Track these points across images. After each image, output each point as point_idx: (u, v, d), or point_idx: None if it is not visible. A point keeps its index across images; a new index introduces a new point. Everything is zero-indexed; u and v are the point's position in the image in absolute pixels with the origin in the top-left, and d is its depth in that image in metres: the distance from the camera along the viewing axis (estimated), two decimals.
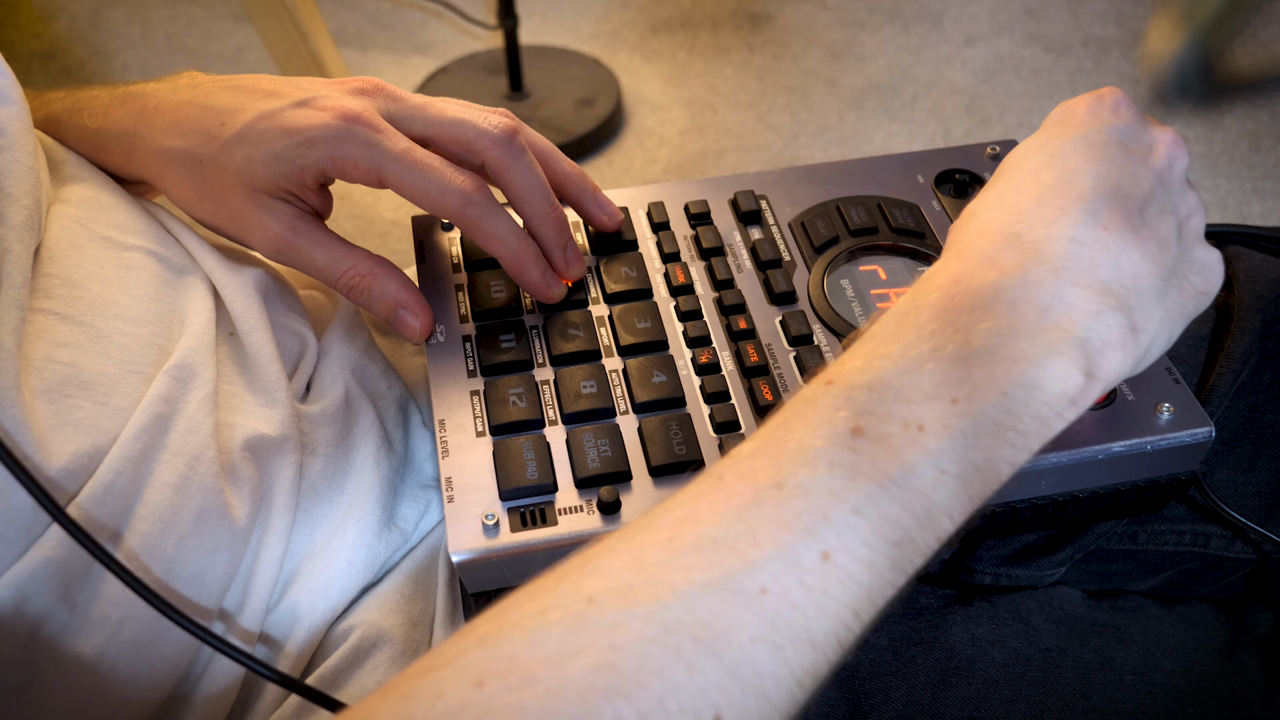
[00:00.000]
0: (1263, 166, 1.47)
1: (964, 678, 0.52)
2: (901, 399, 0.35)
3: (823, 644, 0.32)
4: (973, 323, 0.36)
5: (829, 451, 0.33)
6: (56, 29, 1.83)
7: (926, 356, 0.36)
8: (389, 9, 1.84)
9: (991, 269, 0.38)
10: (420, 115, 0.50)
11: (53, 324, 0.44)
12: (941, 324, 0.37)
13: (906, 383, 0.35)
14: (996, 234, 0.39)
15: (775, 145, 1.56)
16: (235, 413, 0.48)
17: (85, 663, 0.41)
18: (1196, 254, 0.42)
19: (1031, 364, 0.36)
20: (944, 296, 0.37)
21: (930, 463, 0.34)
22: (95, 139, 0.53)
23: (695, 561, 0.31)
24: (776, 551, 0.31)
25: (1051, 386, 0.36)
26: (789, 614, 0.31)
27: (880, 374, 0.36)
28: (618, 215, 0.56)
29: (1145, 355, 0.40)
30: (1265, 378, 0.57)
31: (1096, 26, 1.72)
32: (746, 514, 0.32)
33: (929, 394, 0.35)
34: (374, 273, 0.50)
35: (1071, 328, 0.37)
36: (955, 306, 0.37)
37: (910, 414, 0.35)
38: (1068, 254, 0.38)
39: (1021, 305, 0.37)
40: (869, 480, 0.33)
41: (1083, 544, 0.56)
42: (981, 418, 0.35)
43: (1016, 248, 0.38)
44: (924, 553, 0.34)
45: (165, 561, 0.43)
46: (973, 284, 0.37)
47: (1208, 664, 0.54)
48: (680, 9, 1.81)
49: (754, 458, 0.34)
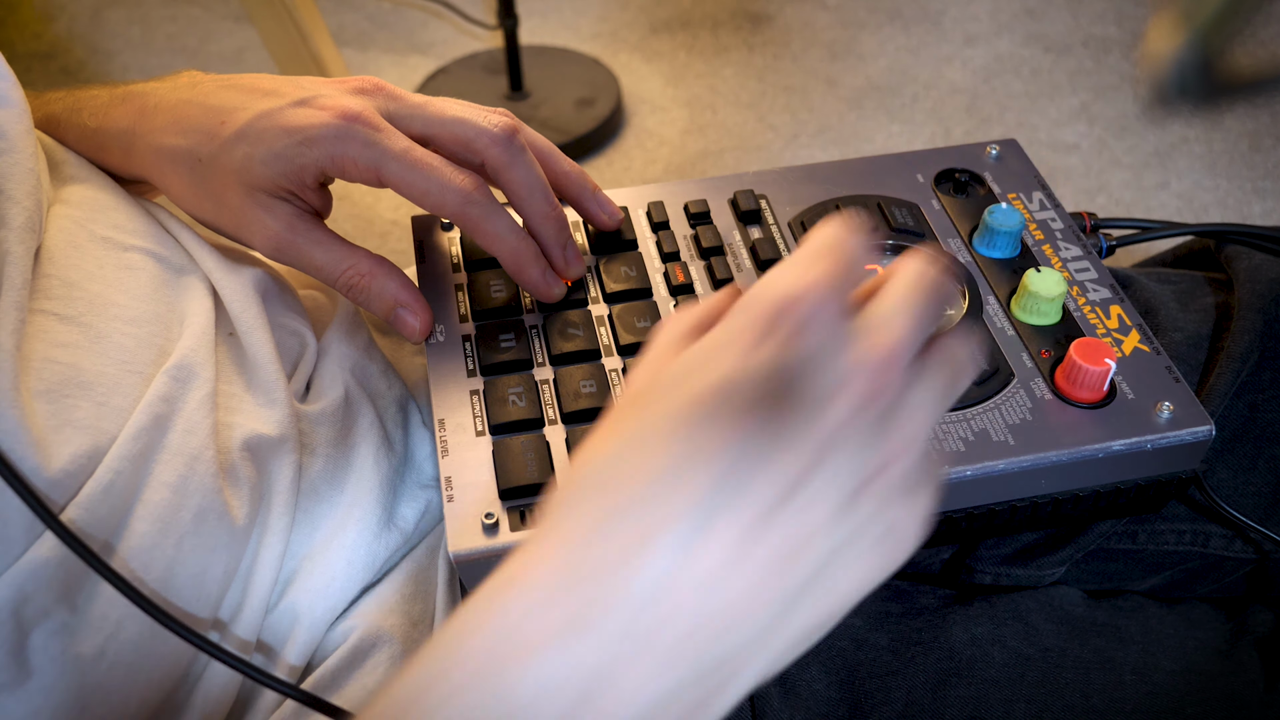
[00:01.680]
0: (1263, 166, 1.46)
1: (964, 678, 0.52)
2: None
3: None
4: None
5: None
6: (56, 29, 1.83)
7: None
8: (389, 9, 1.84)
9: (519, 651, 0.28)
10: (420, 114, 0.50)
11: (52, 324, 0.44)
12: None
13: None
14: (548, 572, 0.29)
15: (775, 145, 1.56)
16: (234, 413, 0.48)
17: (84, 663, 0.41)
18: (888, 516, 0.31)
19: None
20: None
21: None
22: (95, 138, 0.53)
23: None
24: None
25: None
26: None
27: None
28: (618, 214, 0.56)
29: (743, 683, 0.31)
30: (1265, 377, 0.57)
31: (1096, 26, 1.72)
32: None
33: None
34: (373, 272, 0.50)
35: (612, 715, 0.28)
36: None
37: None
38: (624, 617, 0.28)
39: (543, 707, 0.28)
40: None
41: (1083, 544, 0.56)
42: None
43: (559, 607, 0.28)
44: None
45: (164, 562, 0.43)
46: (496, 682, 0.28)
47: (1208, 664, 0.54)
48: (680, 9, 1.80)
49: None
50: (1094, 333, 0.52)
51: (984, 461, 0.46)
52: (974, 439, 0.47)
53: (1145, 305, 0.60)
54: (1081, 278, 0.54)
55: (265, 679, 0.42)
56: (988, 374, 0.49)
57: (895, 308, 0.33)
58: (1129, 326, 0.52)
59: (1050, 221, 0.57)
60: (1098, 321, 0.52)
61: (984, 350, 0.51)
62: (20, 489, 0.36)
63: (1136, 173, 1.48)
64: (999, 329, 0.52)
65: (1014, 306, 0.52)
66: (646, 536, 0.28)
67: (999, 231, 0.55)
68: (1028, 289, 0.51)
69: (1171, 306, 0.60)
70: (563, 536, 0.30)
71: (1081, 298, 0.53)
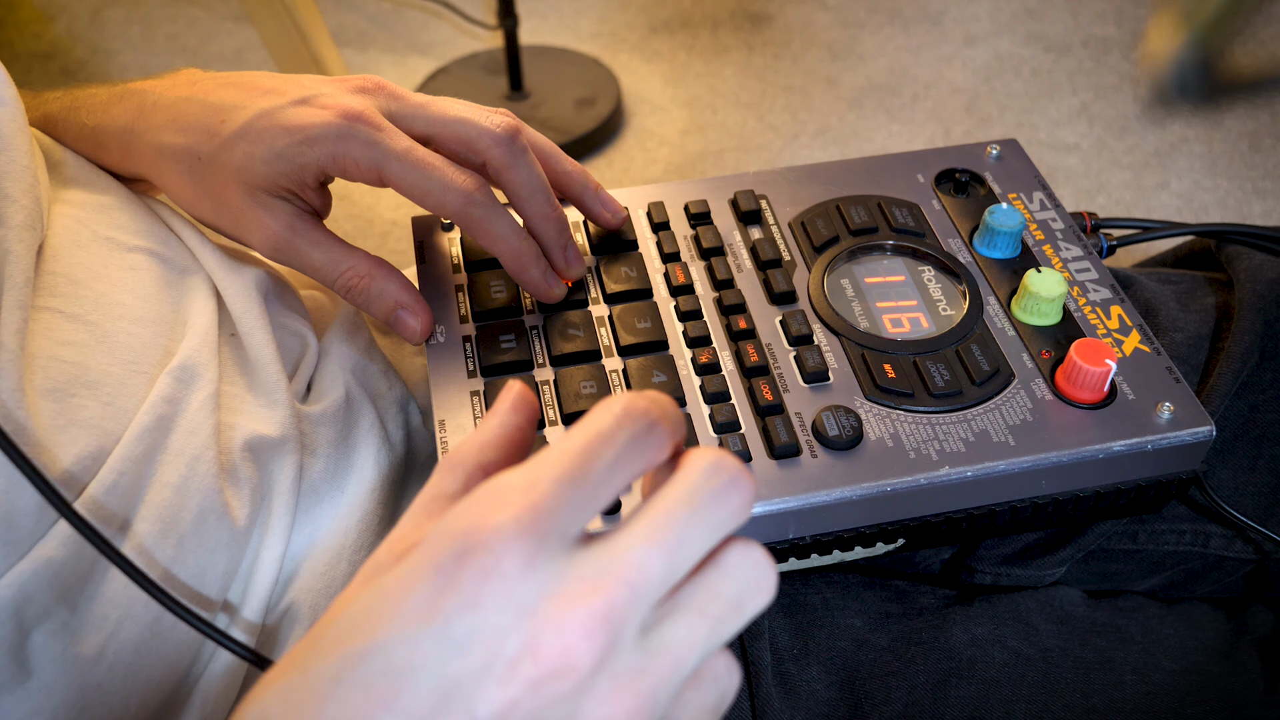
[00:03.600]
0: (1263, 166, 1.46)
1: (964, 678, 0.52)
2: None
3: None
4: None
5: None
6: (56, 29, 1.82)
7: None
8: (389, 9, 1.84)
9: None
10: (422, 114, 0.50)
11: (57, 322, 0.44)
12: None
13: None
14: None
15: (775, 145, 1.56)
16: (236, 413, 0.48)
17: (84, 663, 0.41)
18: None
19: None
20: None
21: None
22: (93, 137, 0.52)
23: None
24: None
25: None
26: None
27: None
28: (621, 212, 0.56)
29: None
30: (1265, 378, 0.57)
31: (1096, 26, 1.72)
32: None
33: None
34: (372, 274, 0.50)
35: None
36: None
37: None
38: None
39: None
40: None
41: (1083, 544, 0.56)
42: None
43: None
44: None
45: (166, 561, 0.43)
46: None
47: (1208, 664, 0.54)
48: (680, 9, 1.80)
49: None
50: (1094, 333, 0.52)
51: (984, 462, 0.46)
52: (974, 439, 0.47)
53: (1146, 305, 0.60)
54: (1082, 278, 0.54)
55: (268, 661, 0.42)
56: (988, 374, 0.49)
57: (621, 546, 0.27)
58: (1129, 327, 0.52)
59: (1051, 221, 0.57)
60: (1098, 322, 0.52)
61: (988, 354, 0.51)
62: (34, 477, 0.36)
63: (1136, 173, 1.48)
64: (999, 329, 0.52)
65: (1014, 307, 0.52)
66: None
67: (999, 232, 0.55)
68: (1028, 289, 0.51)
69: (1172, 307, 0.60)
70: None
71: (1082, 298, 0.53)
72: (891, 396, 0.49)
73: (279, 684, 0.26)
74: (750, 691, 0.51)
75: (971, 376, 0.49)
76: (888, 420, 0.48)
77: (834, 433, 0.47)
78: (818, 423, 0.47)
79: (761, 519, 0.46)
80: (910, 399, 0.49)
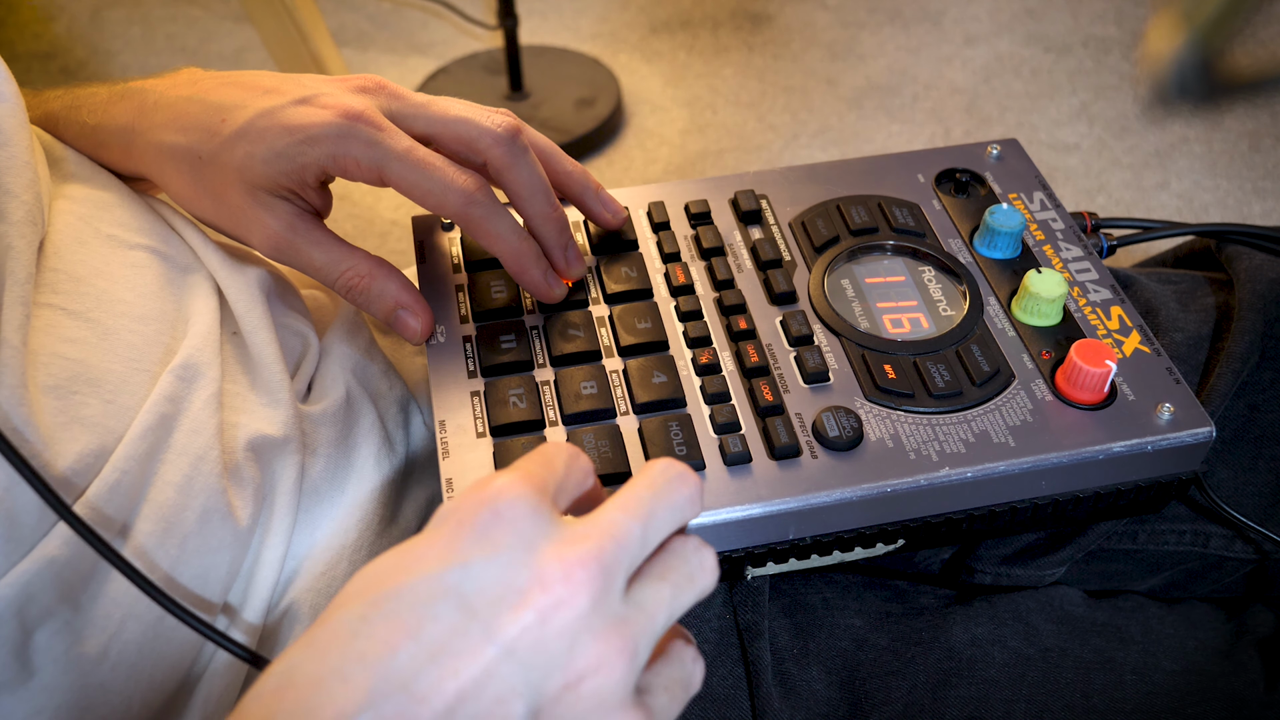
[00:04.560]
0: (1263, 166, 1.46)
1: (964, 678, 0.52)
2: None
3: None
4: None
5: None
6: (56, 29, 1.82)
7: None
8: (389, 9, 1.84)
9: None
10: (422, 114, 0.50)
11: (60, 319, 0.44)
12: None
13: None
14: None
15: (775, 145, 1.56)
16: (238, 412, 0.48)
17: (87, 663, 0.41)
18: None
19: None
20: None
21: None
22: (94, 135, 0.52)
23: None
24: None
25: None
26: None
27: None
28: (621, 212, 0.56)
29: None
30: (1265, 378, 0.57)
31: (1096, 26, 1.72)
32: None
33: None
34: (373, 273, 0.50)
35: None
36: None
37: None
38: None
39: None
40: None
41: (1083, 544, 0.56)
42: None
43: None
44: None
45: (168, 561, 0.43)
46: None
47: (1208, 664, 0.54)
48: (680, 9, 1.80)
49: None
50: (1095, 334, 0.52)
51: (984, 463, 0.46)
52: (974, 440, 0.47)
53: (1146, 306, 0.60)
54: (1082, 278, 0.54)
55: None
56: (988, 375, 0.49)
57: (603, 513, 0.32)
58: (1130, 327, 0.52)
59: (1051, 222, 0.57)
60: (1098, 322, 0.52)
61: (988, 355, 0.51)
62: (33, 479, 0.36)
63: (1136, 173, 1.48)
64: (999, 330, 0.52)
65: (1015, 307, 0.53)
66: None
67: (1000, 232, 0.55)
68: (1028, 290, 0.51)
69: (1172, 307, 0.60)
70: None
71: (1082, 298, 0.53)
72: (892, 397, 0.49)
73: (304, 638, 0.29)
74: (750, 691, 0.51)
75: (972, 377, 0.49)
76: (888, 421, 0.48)
77: (834, 433, 0.47)
78: (818, 423, 0.47)
79: (762, 519, 0.46)
80: (910, 400, 0.49)
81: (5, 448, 0.36)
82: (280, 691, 0.29)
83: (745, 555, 0.47)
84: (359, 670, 0.28)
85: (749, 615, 0.53)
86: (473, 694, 0.28)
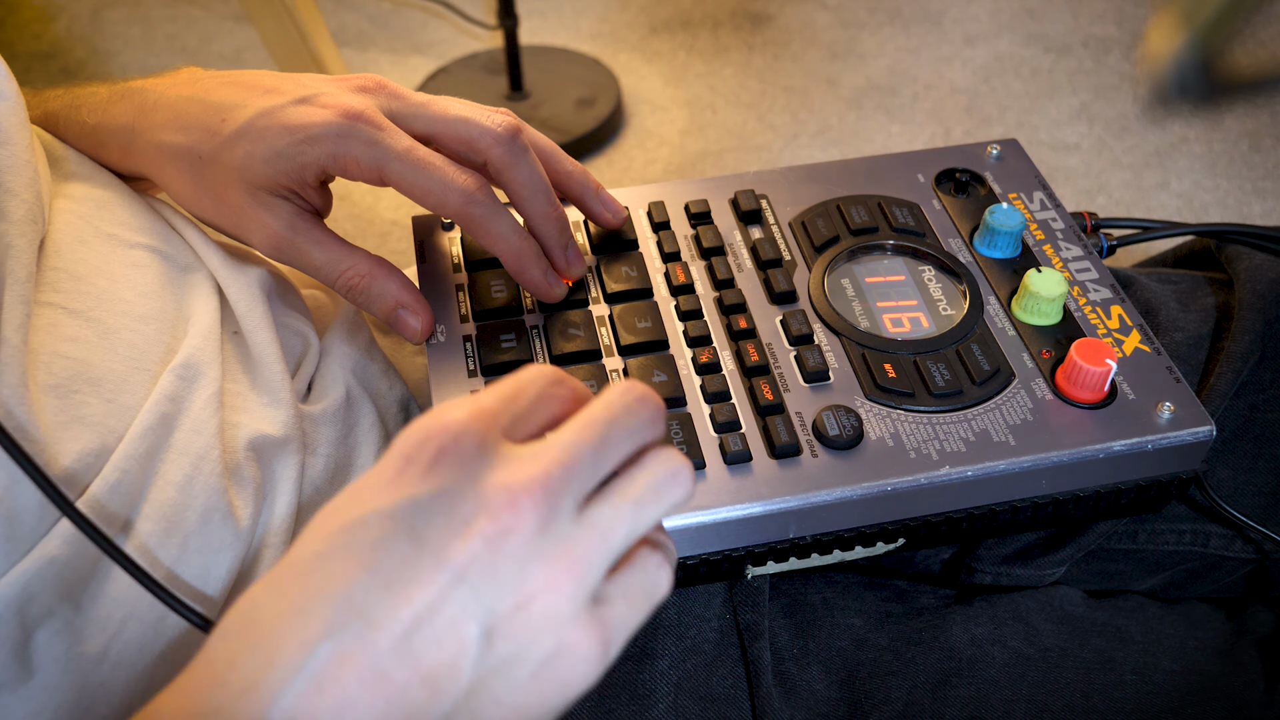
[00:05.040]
0: (1263, 166, 1.46)
1: (964, 678, 0.52)
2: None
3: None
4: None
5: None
6: (56, 29, 1.83)
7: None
8: (389, 9, 1.84)
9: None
10: (423, 113, 0.50)
11: (60, 318, 0.44)
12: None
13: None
14: (180, 707, 0.30)
15: (775, 145, 1.56)
16: (239, 412, 0.48)
17: (87, 662, 0.41)
18: (545, 643, 0.31)
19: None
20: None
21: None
22: (94, 135, 0.52)
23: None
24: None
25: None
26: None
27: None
28: (621, 212, 0.56)
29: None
30: (1265, 377, 0.57)
31: (1096, 26, 1.72)
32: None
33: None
34: (373, 273, 0.50)
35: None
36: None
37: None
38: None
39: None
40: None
41: (1083, 544, 0.56)
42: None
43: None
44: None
45: (169, 560, 0.43)
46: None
47: (1208, 664, 0.54)
48: (680, 9, 1.80)
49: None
50: (1095, 333, 0.52)
51: (984, 462, 0.46)
52: (975, 439, 0.47)
53: (1146, 305, 0.60)
54: (1082, 278, 0.54)
55: None
56: (988, 374, 0.49)
57: (554, 436, 0.33)
58: (1130, 327, 0.52)
59: (1051, 221, 0.57)
60: (1098, 322, 0.52)
61: (988, 354, 0.51)
62: (35, 474, 0.36)
63: (1136, 173, 1.48)
64: (999, 329, 0.52)
65: (1015, 307, 0.53)
66: (275, 669, 0.29)
67: (1000, 231, 0.55)
68: (1028, 289, 0.51)
69: (1172, 306, 0.60)
70: (202, 672, 0.30)
71: (1082, 298, 0.53)
72: (892, 396, 0.49)
73: (266, 578, 0.31)
74: (750, 691, 0.51)
75: (972, 376, 0.49)
76: (888, 420, 0.48)
77: (834, 432, 0.47)
78: (818, 422, 0.47)
79: (762, 518, 0.46)
80: (911, 399, 0.49)
81: (7, 442, 0.36)
82: (245, 629, 0.30)
83: (745, 554, 0.47)
84: (318, 604, 0.29)
85: (749, 615, 0.53)
86: (427, 619, 0.30)
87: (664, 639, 0.52)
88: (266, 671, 0.29)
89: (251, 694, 0.29)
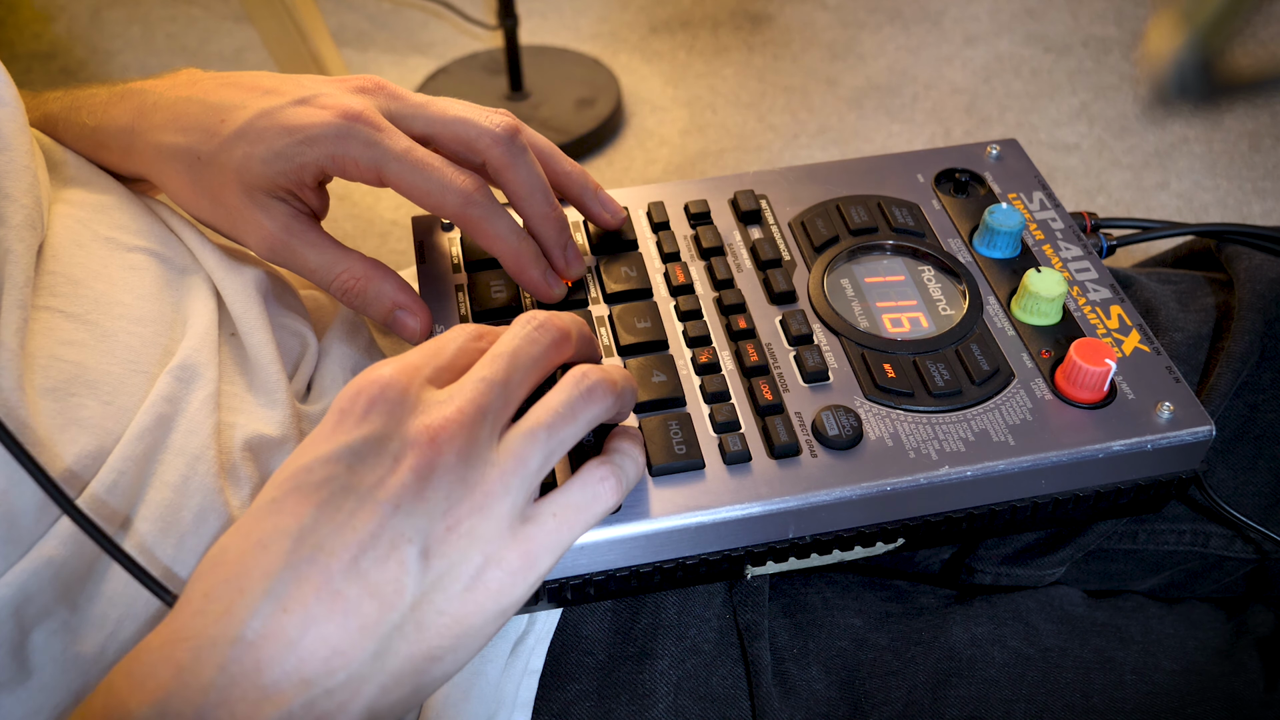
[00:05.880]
0: (1263, 166, 1.46)
1: (964, 678, 0.52)
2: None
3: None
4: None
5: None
6: (56, 29, 1.83)
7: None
8: (389, 9, 1.84)
9: (138, 693, 0.33)
10: (421, 114, 0.50)
11: (58, 322, 0.44)
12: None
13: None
14: (165, 639, 0.34)
15: (775, 145, 1.56)
16: (236, 413, 0.48)
17: (84, 662, 0.41)
18: (474, 560, 0.36)
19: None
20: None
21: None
22: (94, 136, 0.52)
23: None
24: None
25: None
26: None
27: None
28: (620, 213, 0.56)
29: (382, 710, 0.35)
30: (1265, 378, 0.57)
31: (1096, 26, 1.72)
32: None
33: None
34: (368, 275, 0.50)
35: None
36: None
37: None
38: (228, 661, 0.33)
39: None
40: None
41: (1083, 544, 0.56)
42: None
43: (172, 661, 0.33)
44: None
45: (166, 561, 0.43)
46: (120, 714, 0.33)
47: (1208, 664, 0.54)
48: (680, 9, 1.81)
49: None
50: (1094, 333, 0.52)
51: (984, 462, 0.46)
52: (974, 439, 0.47)
53: (1146, 305, 0.60)
54: (1082, 278, 0.54)
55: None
56: (988, 374, 0.49)
57: (466, 376, 0.38)
58: (1129, 326, 0.52)
59: (1051, 221, 0.57)
60: (1098, 322, 0.52)
61: (988, 354, 0.51)
62: (37, 473, 0.36)
63: (1136, 173, 1.48)
64: (999, 329, 0.52)
65: (1014, 306, 0.53)
66: (245, 595, 0.34)
67: (999, 231, 0.55)
68: (1028, 289, 0.51)
69: (1172, 306, 0.60)
70: (183, 607, 0.35)
71: (1082, 298, 0.53)
72: (891, 396, 0.49)
73: (232, 527, 0.36)
74: (750, 691, 0.51)
75: (971, 376, 0.49)
76: (888, 420, 0.48)
77: (834, 432, 0.47)
78: (817, 422, 0.47)
79: (761, 518, 0.46)
80: (910, 399, 0.49)
81: (9, 442, 0.36)
82: (214, 568, 0.35)
83: (745, 554, 0.47)
84: (276, 538, 0.34)
85: (749, 615, 0.53)
86: (370, 544, 0.35)
87: (664, 639, 0.52)
88: (238, 598, 0.34)
89: (226, 618, 0.33)
